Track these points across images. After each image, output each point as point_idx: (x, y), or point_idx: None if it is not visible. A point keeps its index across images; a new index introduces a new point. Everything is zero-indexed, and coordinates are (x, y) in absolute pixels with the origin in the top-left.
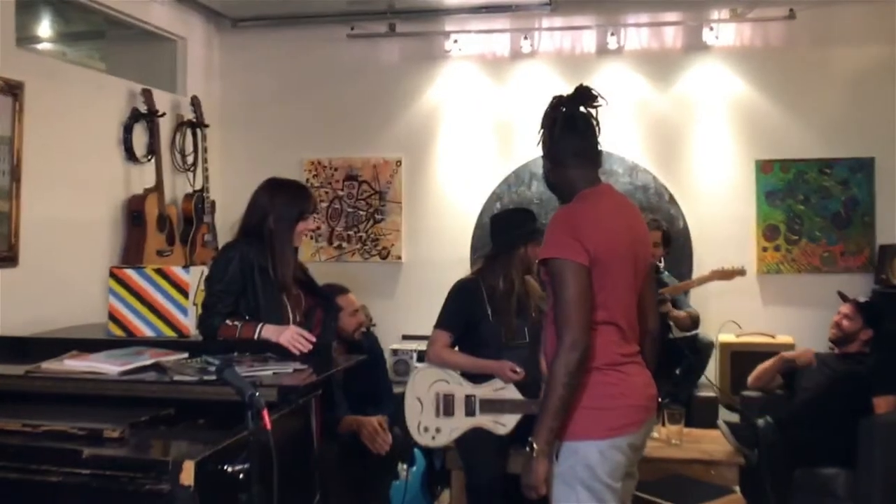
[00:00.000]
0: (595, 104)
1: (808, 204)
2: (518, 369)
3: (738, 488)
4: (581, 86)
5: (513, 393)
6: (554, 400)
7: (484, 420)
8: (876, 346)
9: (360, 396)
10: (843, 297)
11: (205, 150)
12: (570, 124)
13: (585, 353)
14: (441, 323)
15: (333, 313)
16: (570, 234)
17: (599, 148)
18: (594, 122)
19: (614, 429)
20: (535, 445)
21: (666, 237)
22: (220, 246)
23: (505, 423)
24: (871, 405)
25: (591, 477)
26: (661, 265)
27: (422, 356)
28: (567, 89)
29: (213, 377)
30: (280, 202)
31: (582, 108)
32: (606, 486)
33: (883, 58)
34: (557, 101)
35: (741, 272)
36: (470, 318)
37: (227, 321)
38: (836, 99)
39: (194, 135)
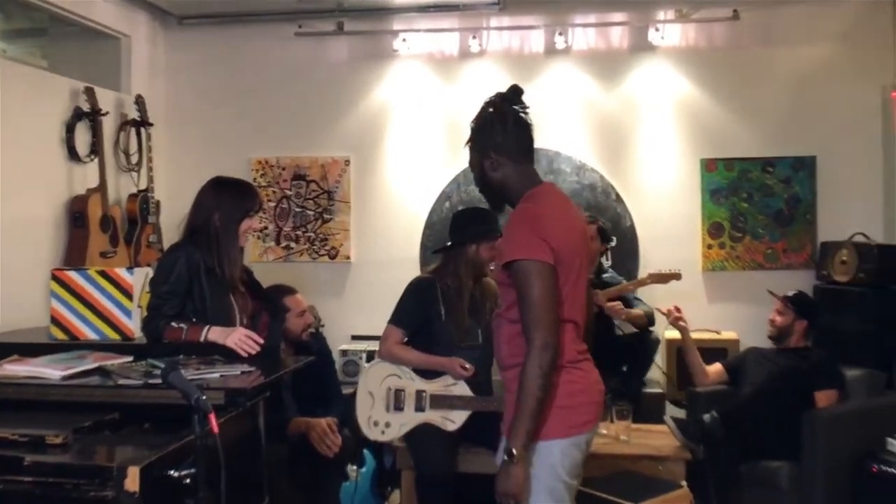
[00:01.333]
0: (525, 108)
1: (752, 202)
2: (467, 366)
3: (685, 483)
4: (516, 85)
5: (463, 390)
6: (531, 402)
7: (433, 416)
8: (816, 340)
9: (309, 398)
10: (773, 295)
11: (149, 149)
12: (518, 120)
13: (556, 352)
14: (394, 319)
15: (280, 315)
16: (535, 234)
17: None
18: (528, 121)
19: (576, 426)
20: (513, 451)
21: (602, 232)
22: (165, 247)
23: (454, 420)
24: (813, 399)
25: (552, 476)
26: (608, 264)
27: (372, 356)
28: None
29: (159, 381)
30: (225, 201)
31: (517, 107)
32: (566, 485)
33: (824, 58)
34: (498, 98)
35: (677, 276)
36: (424, 317)
37: (173, 323)
38: (779, 98)
39: (139, 134)
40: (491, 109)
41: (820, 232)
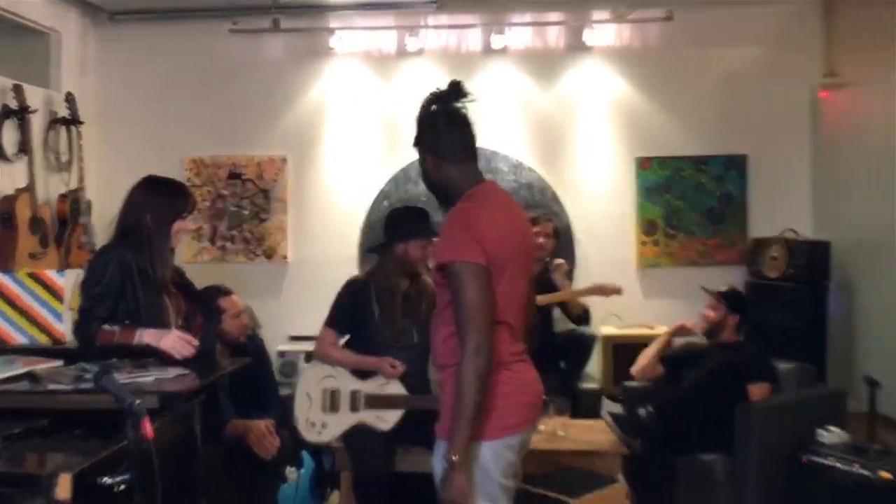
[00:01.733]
0: (469, 100)
1: (685, 200)
2: (397, 364)
3: (622, 477)
4: (455, 81)
5: (397, 389)
6: (468, 407)
7: (367, 416)
8: (748, 335)
9: (247, 400)
10: (706, 290)
11: (80, 148)
12: (457, 119)
13: (490, 354)
14: (328, 320)
15: (215, 317)
16: (469, 235)
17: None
18: (469, 119)
19: (507, 428)
20: (453, 457)
21: (556, 229)
22: (97, 248)
23: (387, 420)
24: (746, 393)
25: (485, 478)
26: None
27: (310, 357)
28: None
29: (91, 385)
30: (157, 201)
31: (458, 104)
32: (500, 486)
33: (756, 59)
34: (436, 97)
35: (618, 291)
36: (357, 317)
37: (105, 326)
38: (712, 98)
39: (69, 132)
40: (427, 110)
41: (751, 228)
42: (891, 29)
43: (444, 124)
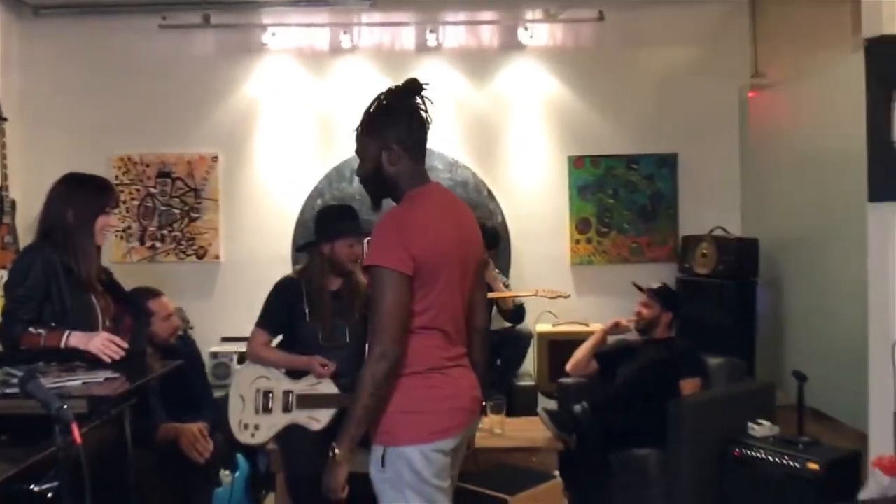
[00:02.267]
0: (425, 98)
1: (617, 198)
2: (326, 363)
3: (557, 473)
4: (413, 79)
5: (329, 388)
6: (358, 409)
7: (299, 416)
8: (679, 331)
9: (178, 403)
10: (638, 288)
11: (3, 145)
12: (421, 118)
13: (394, 364)
14: (259, 321)
15: (144, 319)
16: (397, 241)
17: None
18: (427, 118)
19: (438, 432)
20: (336, 451)
21: (490, 237)
22: (21, 248)
23: (319, 419)
24: (678, 388)
25: (419, 480)
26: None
27: (243, 358)
28: (388, 85)
29: (16, 390)
30: (79, 198)
31: (417, 101)
32: (436, 488)
33: (686, 59)
34: (403, 91)
35: (565, 295)
36: (288, 317)
37: (31, 329)
38: (643, 98)
39: None
40: (396, 100)
41: (682, 226)
42: (815, 29)
43: (415, 120)
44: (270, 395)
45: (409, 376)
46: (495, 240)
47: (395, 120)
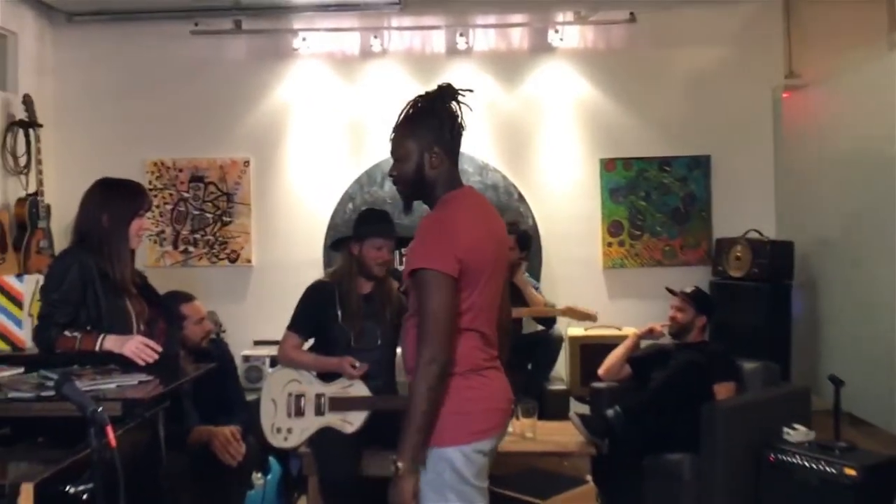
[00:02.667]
0: (462, 103)
1: (650, 200)
2: (357, 364)
3: (590, 478)
4: (449, 84)
5: (361, 390)
6: (417, 417)
7: (332, 419)
8: (712, 335)
9: (211, 406)
10: (671, 292)
11: (38, 151)
12: (453, 120)
13: (445, 367)
14: (291, 324)
15: (177, 322)
16: (443, 243)
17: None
18: (463, 123)
19: (478, 433)
20: (399, 464)
21: (522, 240)
22: (56, 252)
23: (352, 422)
24: (712, 392)
25: (460, 481)
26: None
27: (275, 362)
28: (418, 89)
29: (52, 393)
30: (113, 202)
31: (453, 106)
32: (475, 488)
33: (719, 59)
34: (444, 94)
35: (592, 318)
36: (320, 320)
37: (66, 332)
38: (675, 99)
39: (27, 135)
40: (439, 102)
41: (715, 229)
42: (850, 28)
43: (456, 124)
44: (302, 398)
45: (450, 377)
46: (527, 243)
47: (438, 123)
